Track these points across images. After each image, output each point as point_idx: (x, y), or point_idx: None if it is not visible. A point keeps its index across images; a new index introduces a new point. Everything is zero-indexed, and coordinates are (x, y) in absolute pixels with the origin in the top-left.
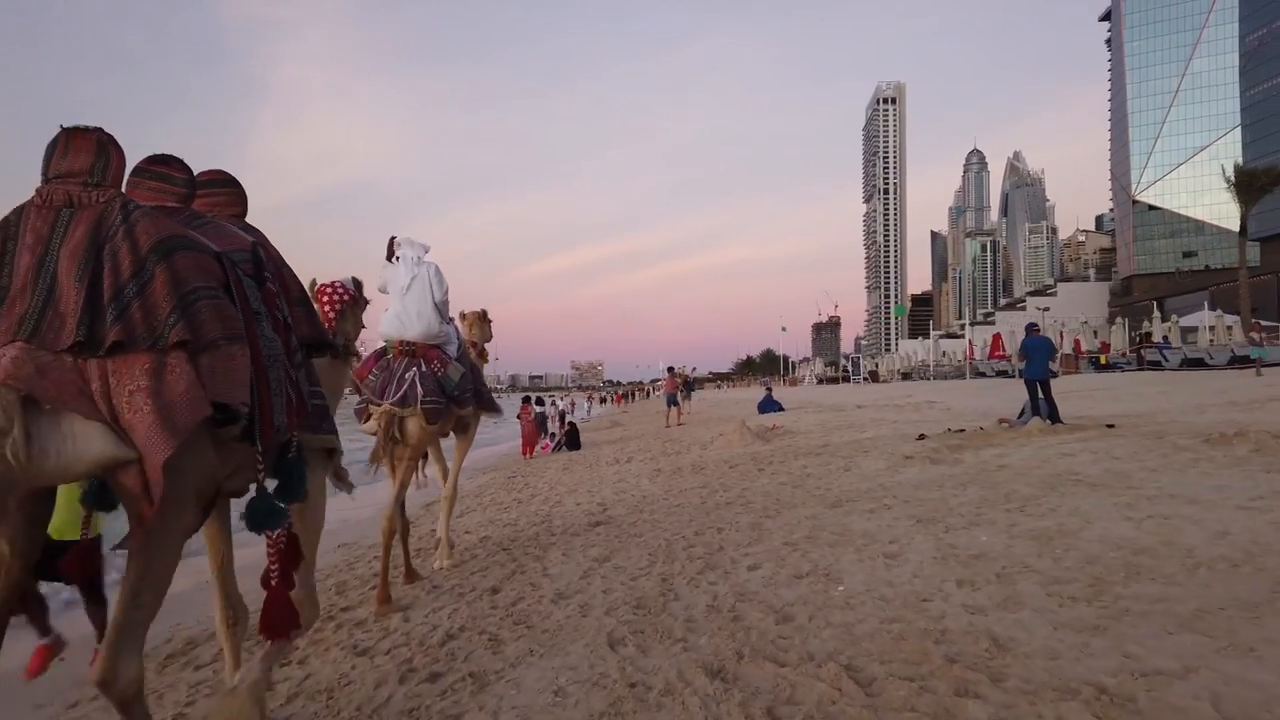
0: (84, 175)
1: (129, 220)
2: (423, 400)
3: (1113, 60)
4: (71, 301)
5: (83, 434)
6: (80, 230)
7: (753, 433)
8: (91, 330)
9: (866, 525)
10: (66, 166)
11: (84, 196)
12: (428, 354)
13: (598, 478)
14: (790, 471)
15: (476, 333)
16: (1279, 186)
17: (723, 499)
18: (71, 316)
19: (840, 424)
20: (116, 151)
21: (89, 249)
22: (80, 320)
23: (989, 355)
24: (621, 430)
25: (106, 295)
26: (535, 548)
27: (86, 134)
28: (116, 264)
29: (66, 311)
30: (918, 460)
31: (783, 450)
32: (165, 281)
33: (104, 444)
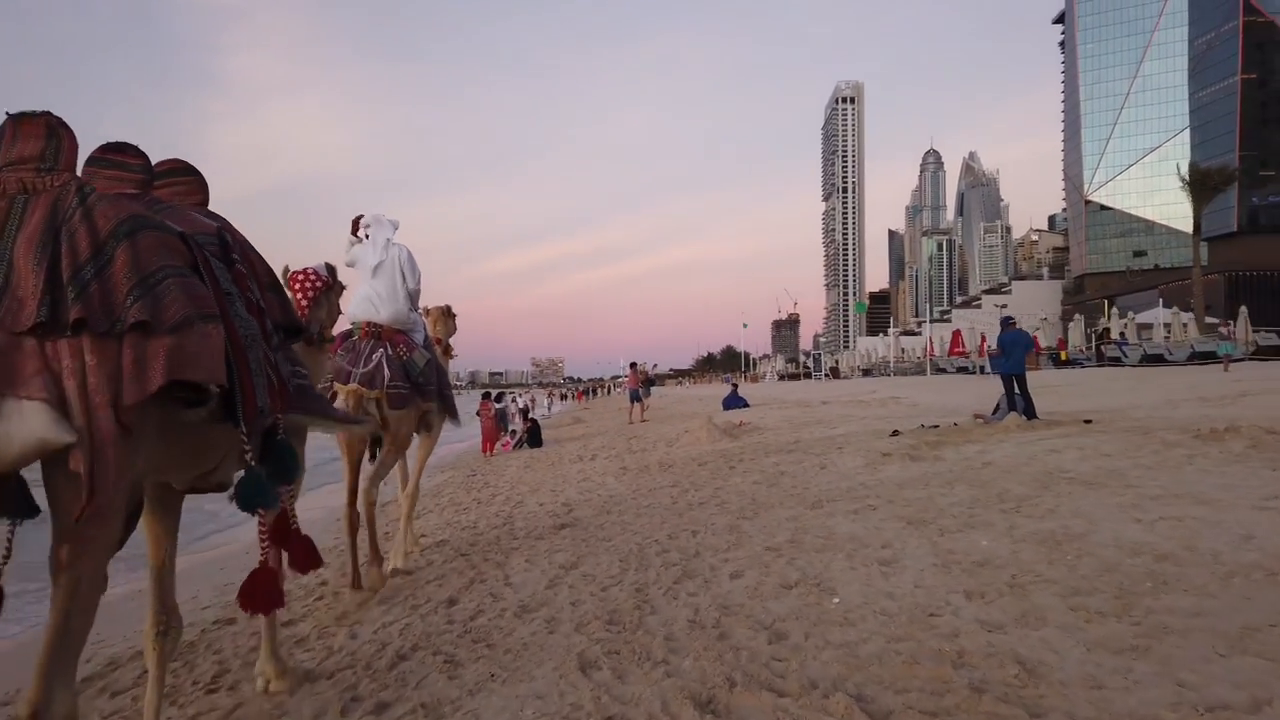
0: (35, 161)
1: (85, 204)
2: (388, 383)
3: (1066, 63)
4: (30, 285)
5: (27, 414)
6: (36, 215)
7: (720, 429)
8: (54, 311)
9: (853, 528)
10: (17, 153)
11: (38, 182)
12: (394, 338)
13: (561, 476)
14: (763, 470)
15: (440, 328)
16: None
17: (695, 499)
18: (31, 299)
19: (808, 420)
20: (68, 134)
21: (45, 233)
22: (41, 301)
23: (949, 352)
24: (584, 427)
25: (65, 276)
26: (496, 553)
27: (34, 119)
28: (74, 245)
29: (25, 295)
30: (897, 457)
31: (753, 447)
32: (126, 262)
33: (47, 426)
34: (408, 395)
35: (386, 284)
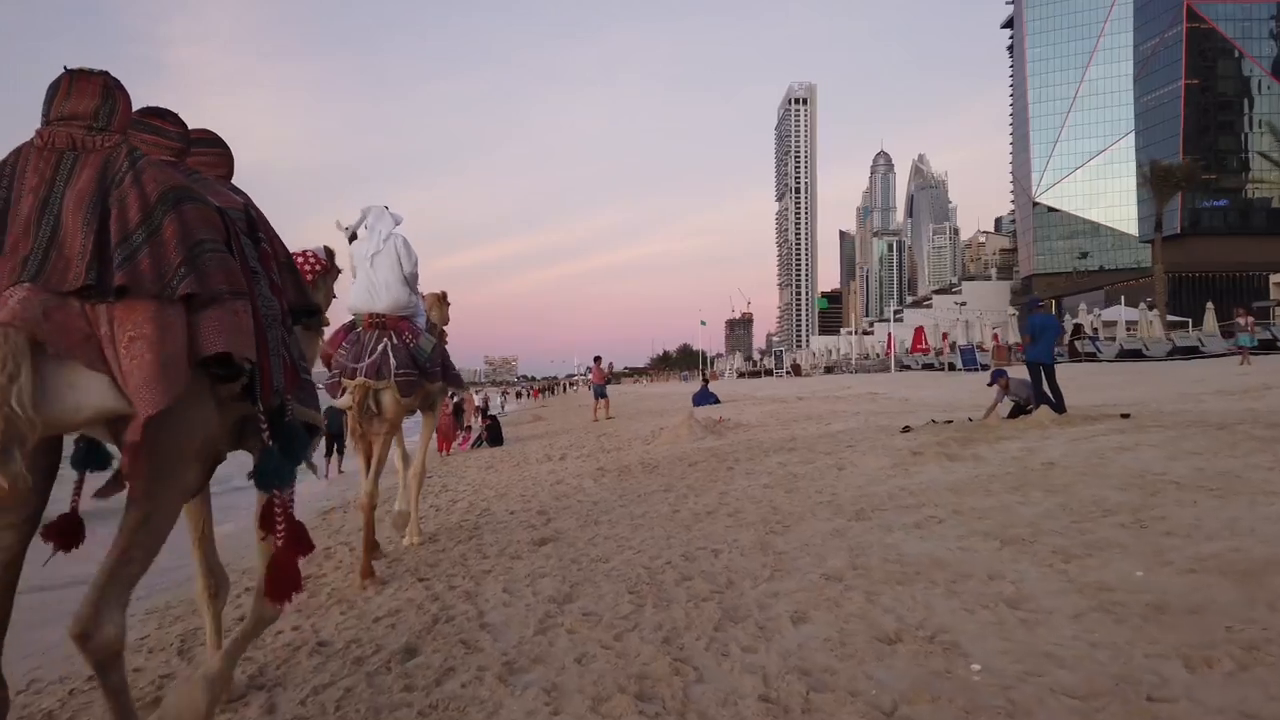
0: (88, 119)
1: (135, 167)
2: (396, 372)
3: (1014, 66)
4: (78, 244)
5: (82, 383)
6: (86, 174)
7: (701, 425)
8: (100, 274)
9: (927, 548)
10: (70, 109)
11: (88, 140)
12: (398, 326)
13: (530, 478)
14: (769, 471)
15: (435, 314)
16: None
17: (699, 507)
18: (78, 260)
19: (794, 416)
20: (123, 96)
21: (95, 193)
22: (89, 264)
23: (911, 349)
24: (545, 425)
25: (114, 240)
26: (463, 577)
27: (92, 77)
28: (124, 210)
29: (72, 255)
30: (930, 456)
31: (745, 445)
32: (175, 231)
33: (101, 395)
34: (415, 381)
35: (385, 272)
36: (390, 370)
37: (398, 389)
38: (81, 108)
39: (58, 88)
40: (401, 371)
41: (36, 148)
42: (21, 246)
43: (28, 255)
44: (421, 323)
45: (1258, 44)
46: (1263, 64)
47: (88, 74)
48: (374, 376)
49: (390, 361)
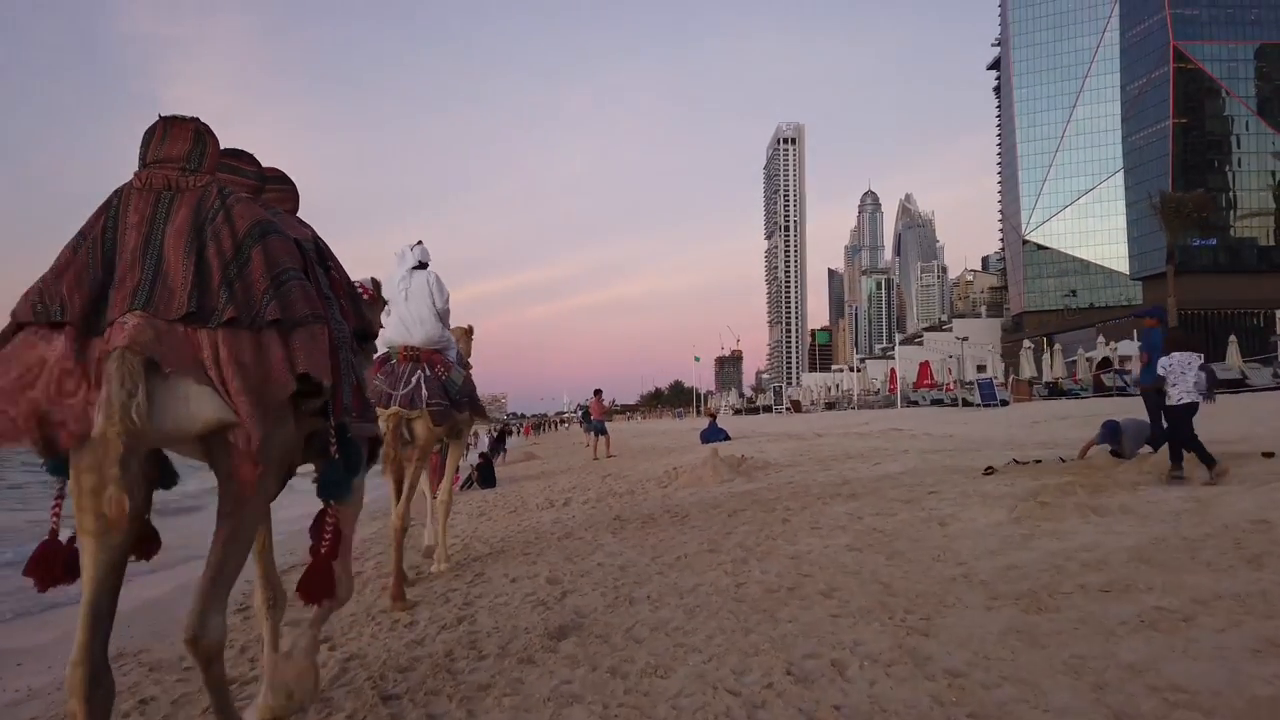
0: (181, 161)
1: (226, 204)
2: (428, 402)
3: (1001, 106)
4: (179, 276)
5: (195, 397)
6: (183, 212)
7: (726, 465)
8: (201, 302)
9: (1208, 672)
10: (165, 152)
11: (183, 180)
12: (431, 358)
13: (531, 529)
14: (840, 524)
15: (462, 346)
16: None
17: (770, 578)
18: (181, 290)
19: (828, 454)
20: (213, 140)
21: (192, 229)
22: (190, 293)
23: (917, 384)
24: (541, 464)
25: (215, 274)
26: (449, 699)
27: (184, 123)
28: (219, 244)
29: (175, 285)
30: (1061, 508)
31: (788, 490)
32: (261, 262)
33: (214, 408)
34: (446, 411)
35: (418, 307)
36: (423, 400)
37: (430, 418)
38: (176, 151)
39: (153, 133)
40: (434, 401)
41: (136, 188)
42: (130, 278)
43: (136, 286)
44: (453, 355)
45: (1243, 84)
46: (1248, 104)
47: (181, 120)
48: (408, 406)
49: (423, 391)
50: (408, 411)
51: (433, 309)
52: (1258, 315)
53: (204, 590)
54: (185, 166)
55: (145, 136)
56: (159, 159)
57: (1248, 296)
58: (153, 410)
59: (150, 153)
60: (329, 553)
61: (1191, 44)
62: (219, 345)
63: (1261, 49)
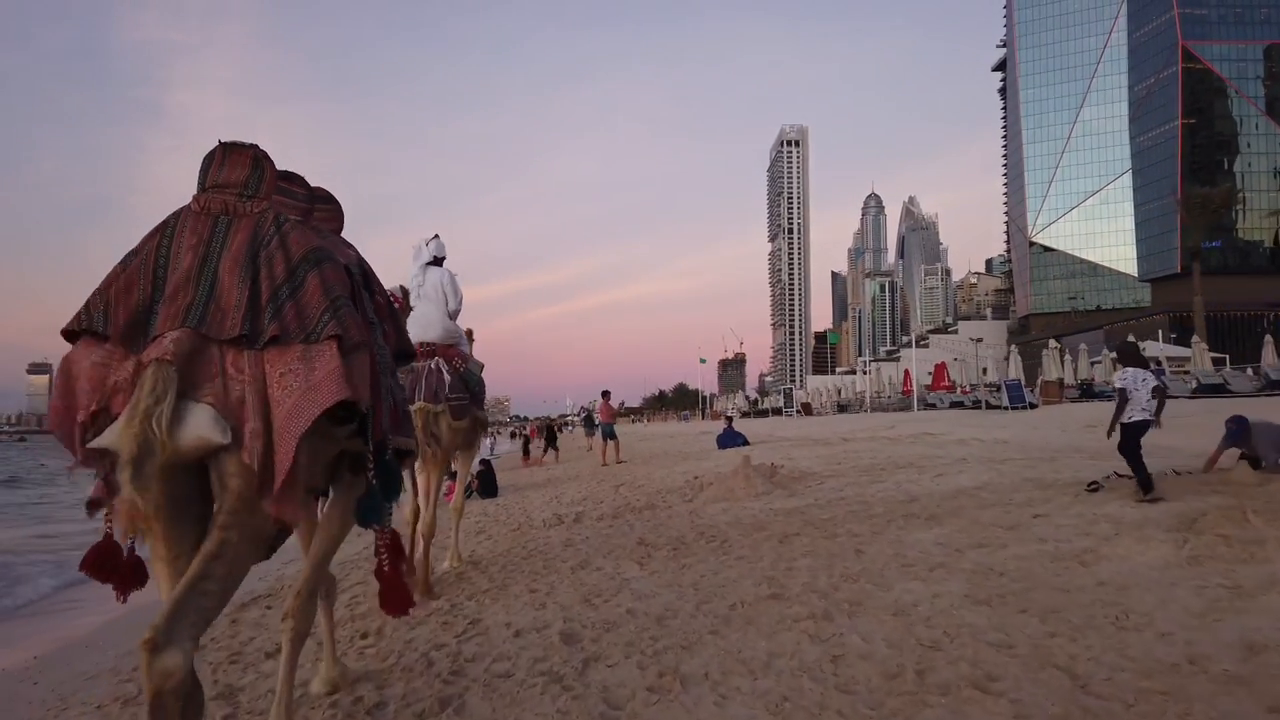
0: (239, 187)
1: (281, 230)
2: (449, 395)
3: (1007, 108)
4: (233, 299)
5: (197, 416)
6: (240, 237)
7: (761, 475)
8: (253, 325)
9: None
10: (224, 178)
11: (240, 206)
12: (448, 353)
13: (538, 553)
14: (939, 561)
15: None
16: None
17: (884, 652)
18: (234, 311)
19: (869, 462)
20: (270, 166)
21: (248, 254)
22: (244, 316)
23: (932, 386)
24: (546, 470)
25: (264, 296)
26: None
27: (243, 150)
28: (272, 269)
29: (228, 307)
30: (1247, 543)
31: (843, 508)
32: (318, 287)
33: (210, 428)
34: (467, 405)
35: (433, 305)
36: (445, 393)
37: (451, 412)
38: (234, 177)
39: (212, 158)
40: (454, 395)
41: (194, 212)
42: (181, 297)
43: (189, 305)
44: (466, 350)
45: (1252, 84)
46: (1257, 103)
47: (240, 147)
48: (432, 400)
49: (445, 384)
50: (433, 406)
51: (445, 307)
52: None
53: (178, 596)
54: (243, 192)
55: (205, 161)
56: (218, 184)
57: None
58: (174, 422)
59: (209, 177)
60: (394, 568)
61: (1200, 44)
62: (264, 364)
63: (1270, 49)
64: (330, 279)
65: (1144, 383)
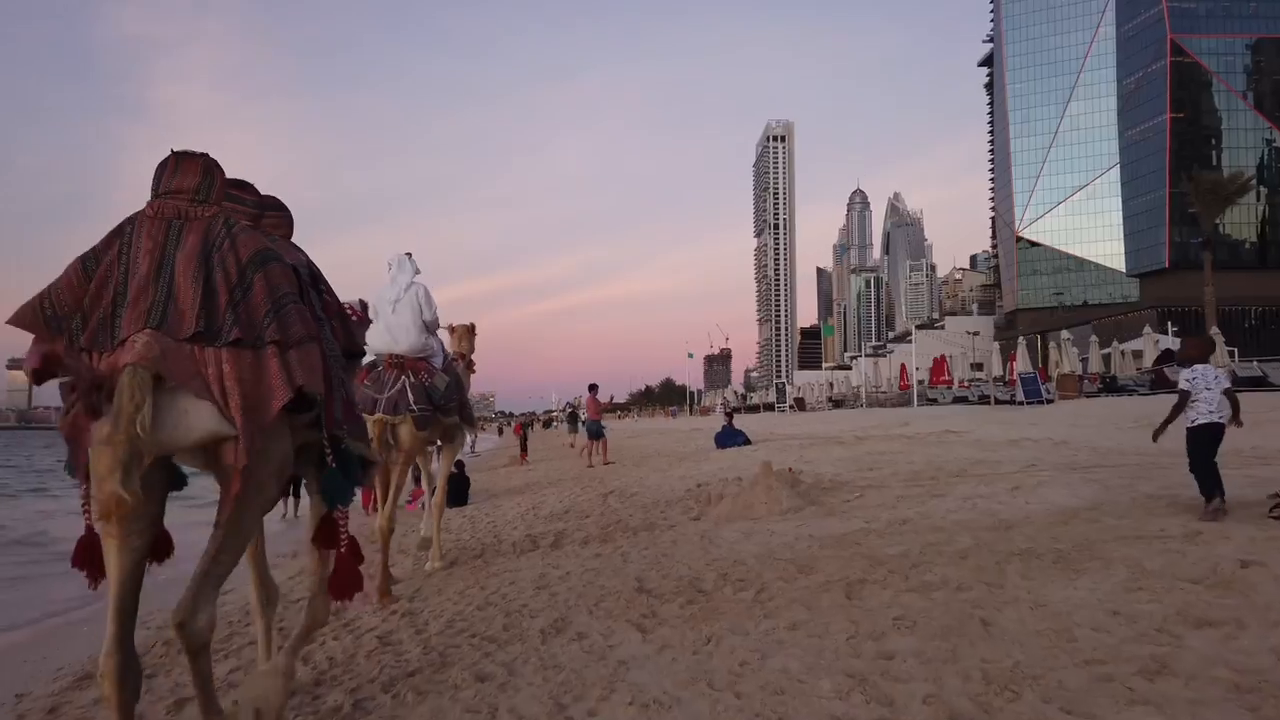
0: (191, 193)
1: (231, 233)
2: (412, 407)
3: (994, 102)
4: (189, 299)
5: (194, 411)
6: (192, 239)
7: (785, 484)
8: (209, 323)
9: None
10: (176, 184)
11: (192, 210)
12: (416, 366)
13: (500, 604)
14: (1150, 655)
15: (465, 345)
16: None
17: None
18: (190, 310)
19: (907, 468)
20: (220, 173)
21: (200, 255)
22: (199, 314)
23: (932, 381)
24: (525, 470)
25: (222, 297)
26: None
27: (194, 158)
28: (225, 270)
29: (185, 307)
30: None
31: (911, 536)
32: (262, 288)
33: (212, 421)
34: (430, 417)
35: (405, 318)
36: (407, 404)
37: (413, 423)
38: (186, 183)
39: (165, 166)
40: (418, 406)
41: (148, 216)
42: (142, 299)
43: (149, 307)
44: (438, 363)
45: (1239, 78)
46: (1245, 97)
47: (191, 155)
48: (391, 411)
49: (408, 397)
50: (392, 417)
51: (419, 319)
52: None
53: (197, 581)
54: (195, 198)
55: (158, 169)
56: (170, 190)
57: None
58: (156, 421)
59: (163, 184)
60: (351, 552)
61: (1188, 37)
62: (223, 362)
63: (1258, 42)
64: (275, 279)
65: (1215, 382)
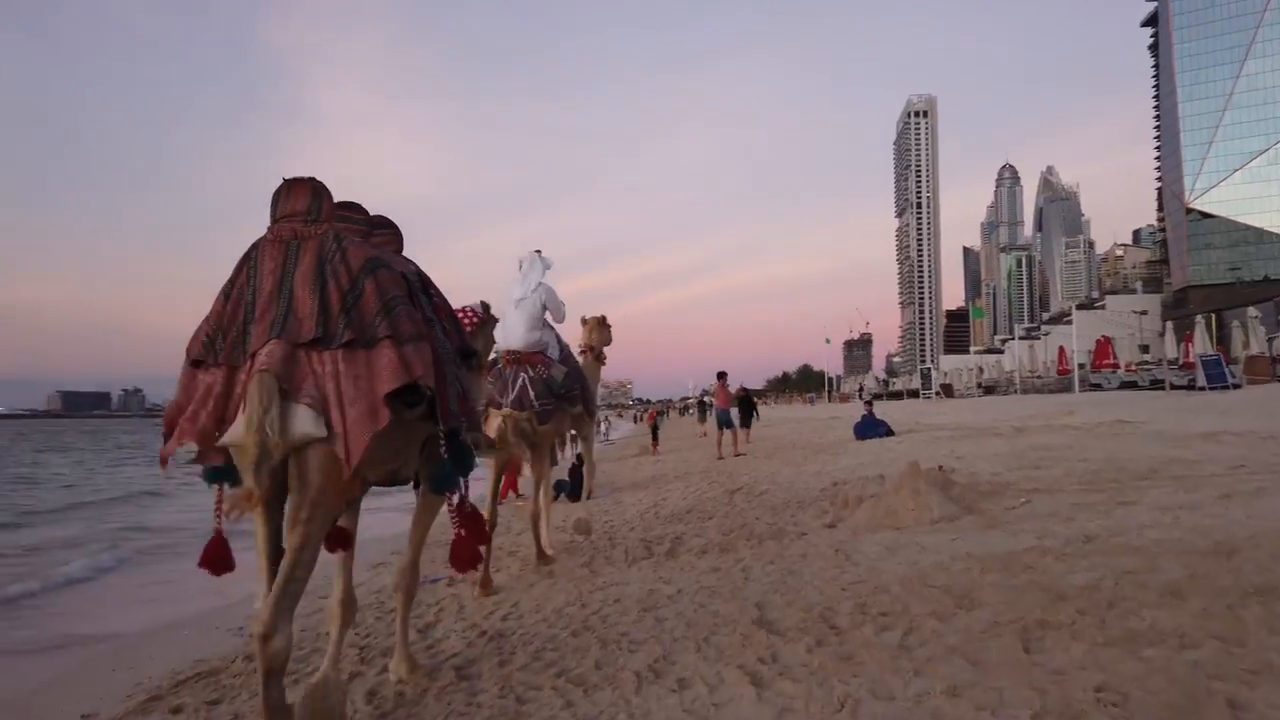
0: (303, 214)
1: (341, 246)
2: (535, 402)
3: (1159, 65)
4: (307, 308)
5: (300, 416)
6: (308, 257)
7: (933, 486)
8: (325, 329)
9: None
10: (290, 208)
11: (305, 230)
12: (532, 360)
13: (594, 620)
14: None
15: (595, 337)
16: None
17: None
18: (308, 319)
19: (1080, 467)
20: (327, 194)
21: (316, 269)
22: (317, 322)
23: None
24: (653, 460)
25: (334, 304)
26: None
27: (303, 183)
28: (338, 280)
29: (303, 316)
30: None
31: (1103, 564)
32: (373, 292)
33: (311, 425)
34: (552, 410)
35: (522, 316)
36: (529, 401)
37: (537, 418)
38: (298, 206)
39: (279, 193)
40: (541, 401)
41: (269, 240)
42: (267, 315)
43: (274, 319)
44: (554, 354)
45: None
46: None
47: (301, 181)
48: (518, 407)
49: (529, 393)
50: (518, 413)
51: (539, 318)
52: None
53: (277, 593)
54: (307, 218)
55: (274, 196)
56: (286, 214)
57: None
58: (282, 424)
59: (279, 209)
60: (468, 530)
61: None
62: (339, 363)
63: None
64: (385, 283)
65: None
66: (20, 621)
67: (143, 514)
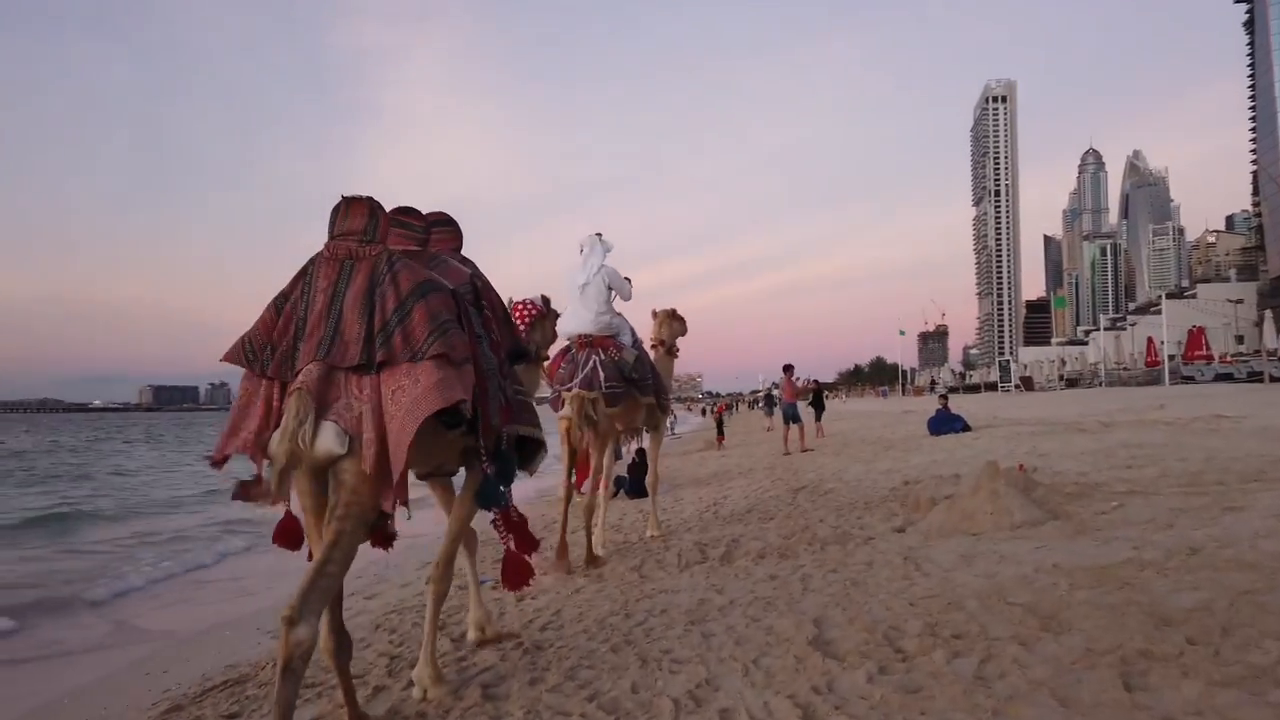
0: (359, 234)
1: (393, 269)
2: (605, 384)
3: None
4: (354, 332)
5: (326, 432)
6: (360, 278)
7: (1014, 488)
8: (369, 354)
9: None
10: (347, 227)
11: (359, 250)
12: (604, 343)
13: (637, 633)
14: None
15: (665, 330)
16: None
17: None
18: (355, 344)
19: (1179, 467)
20: (383, 214)
21: (367, 292)
22: (362, 348)
23: (1187, 356)
24: (719, 455)
25: (376, 328)
26: None
27: (361, 201)
28: (384, 304)
29: (350, 339)
30: None
31: (1210, 582)
32: (423, 316)
33: (335, 442)
34: (622, 393)
35: (592, 301)
36: (600, 382)
37: (605, 399)
38: (355, 225)
39: (337, 211)
40: (610, 384)
41: (325, 258)
42: (317, 332)
43: (321, 339)
44: (626, 339)
45: None
46: None
47: (358, 200)
48: (587, 388)
49: (599, 375)
50: (588, 394)
51: (606, 302)
52: None
53: (307, 582)
54: (363, 238)
55: (332, 213)
56: (343, 232)
57: None
58: (315, 438)
59: (336, 226)
60: (519, 547)
61: None
62: (380, 385)
63: None
64: (435, 307)
65: None
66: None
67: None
